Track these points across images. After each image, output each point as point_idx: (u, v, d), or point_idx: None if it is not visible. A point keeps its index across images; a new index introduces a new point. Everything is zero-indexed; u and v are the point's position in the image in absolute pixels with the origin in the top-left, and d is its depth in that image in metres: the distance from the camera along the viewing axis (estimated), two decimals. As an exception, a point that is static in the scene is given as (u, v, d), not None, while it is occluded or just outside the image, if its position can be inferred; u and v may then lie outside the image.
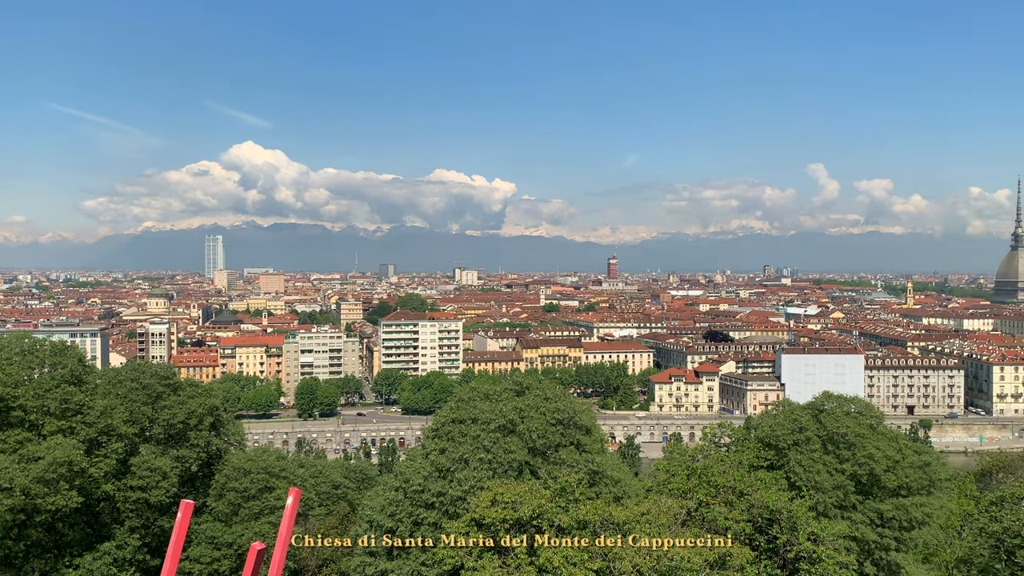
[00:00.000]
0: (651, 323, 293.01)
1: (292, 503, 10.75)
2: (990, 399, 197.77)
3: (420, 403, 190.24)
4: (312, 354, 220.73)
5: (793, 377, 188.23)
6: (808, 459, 33.95)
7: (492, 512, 22.01)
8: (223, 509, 40.33)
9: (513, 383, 36.08)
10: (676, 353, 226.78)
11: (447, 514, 28.24)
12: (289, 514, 10.62)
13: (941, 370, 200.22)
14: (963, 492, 56.36)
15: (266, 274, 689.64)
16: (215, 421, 43.58)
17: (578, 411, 33.69)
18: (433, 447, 32.16)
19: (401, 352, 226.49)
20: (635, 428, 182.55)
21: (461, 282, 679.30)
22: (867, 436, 35.19)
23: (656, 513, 23.15)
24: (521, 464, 30.71)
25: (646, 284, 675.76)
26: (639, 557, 19.67)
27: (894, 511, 33.76)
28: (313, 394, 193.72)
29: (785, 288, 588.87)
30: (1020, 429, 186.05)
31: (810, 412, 36.63)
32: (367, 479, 57.73)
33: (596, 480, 30.52)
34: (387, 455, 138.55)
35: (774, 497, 26.67)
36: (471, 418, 32.30)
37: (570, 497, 22.93)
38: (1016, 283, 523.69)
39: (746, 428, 38.90)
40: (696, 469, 30.42)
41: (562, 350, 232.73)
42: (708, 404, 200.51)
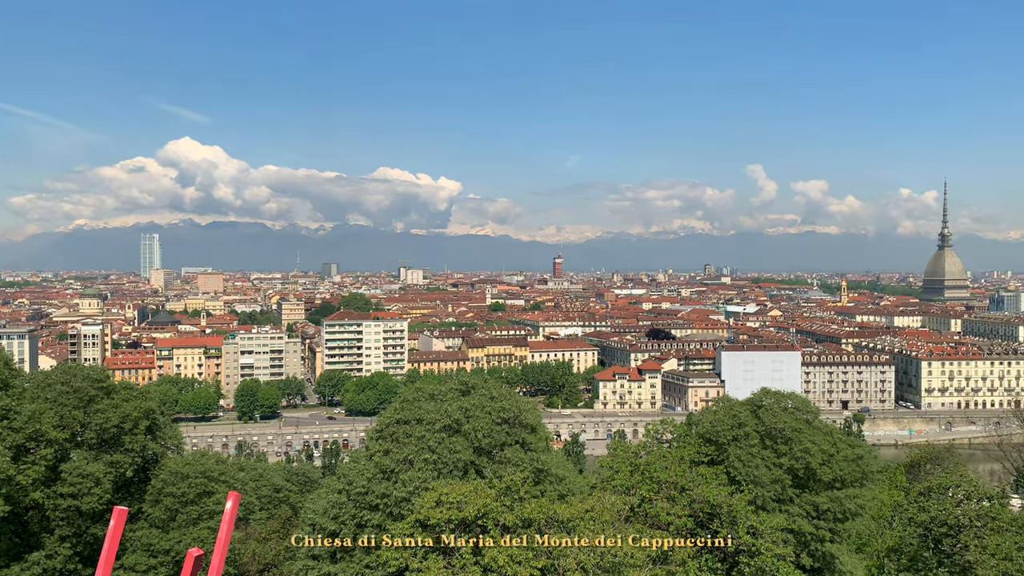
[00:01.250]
0: (596, 322, 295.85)
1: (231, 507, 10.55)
2: (919, 393, 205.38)
3: (364, 404, 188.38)
4: (252, 355, 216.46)
5: (733, 374, 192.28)
6: (747, 454, 34.72)
7: (437, 513, 21.93)
8: (159, 515, 39.27)
9: (459, 383, 36.03)
10: (620, 351, 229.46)
11: (391, 516, 28.02)
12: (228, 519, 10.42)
13: (873, 366, 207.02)
14: (894, 484, 58.43)
15: (205, 273, 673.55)
16: (151, 425, 42.36)
17: (523, 410, 33.81)
18: (377, 448, 31.89)
19: (345, 352, 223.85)
20: (580, 426, 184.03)
21: (406, 281, 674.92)
22: (803, 431, 36.17)
23: (600, 510, 23.39)
24: (466, 464, 30.67)
25: (591, 283, 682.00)
26: (583, 554, 19.85)
27: (829, 503, 34.79)
28: (254, 396, 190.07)
29: (725, 287, 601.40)
30: (946, 422, 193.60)
31: (749, 408, 37.47)
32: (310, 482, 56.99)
33: (541, 478, 30.67)
34: (330, 457, 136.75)
35: (714, 492, 27.24)
36: (416, 418, 32.12)
37: (515, 496, 23.00)
38: (943, 281, 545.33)
39: (687, 424, 39.56)
40: (639, 466, 30.86)
41: (508, 349, 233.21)
42: (651, 401, 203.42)
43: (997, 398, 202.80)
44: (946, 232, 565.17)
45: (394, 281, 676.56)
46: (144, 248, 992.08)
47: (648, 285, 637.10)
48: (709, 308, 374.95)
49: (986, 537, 30.77)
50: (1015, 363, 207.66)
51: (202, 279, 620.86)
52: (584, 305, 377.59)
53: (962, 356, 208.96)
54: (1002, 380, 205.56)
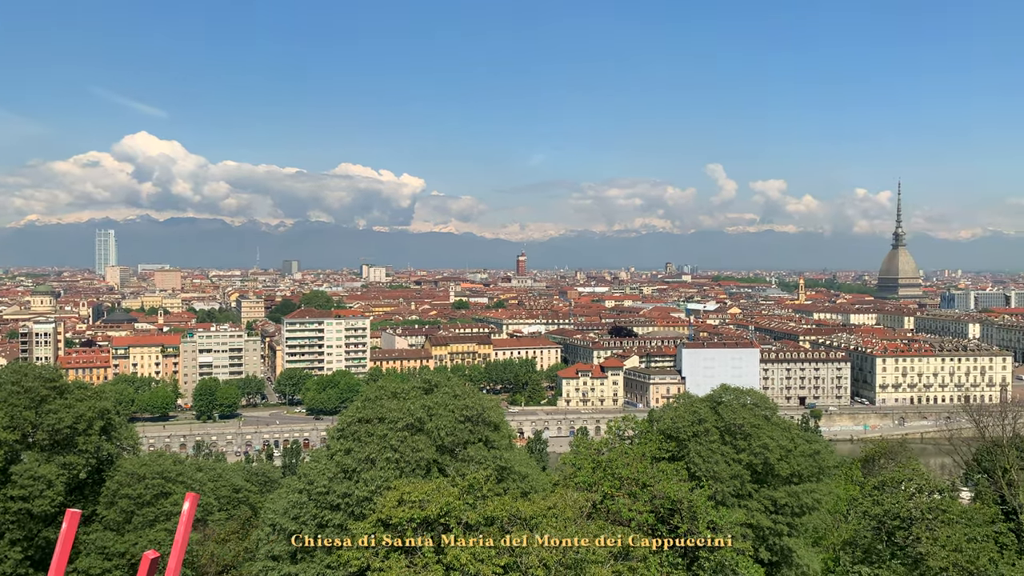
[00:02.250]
0: (559, 319, 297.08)
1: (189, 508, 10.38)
2: (873, 389, 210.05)
3: (325, 403, 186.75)
4: (211, 354, 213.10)
5: (693, 371, 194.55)
6: (707, 450, 35.20)
7: (399, 512, 21.84)
8: (115, 517, 38.51)
9: (421, 381, 35.93)
10: (583, 349, 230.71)
11: (353, 515, 27.84)
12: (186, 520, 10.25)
13: (830, 363, 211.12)
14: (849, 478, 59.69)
15: (162, 270, 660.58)
16: (106, 425, 41.54)
17: (486, 408, 33.84)
18: (338, 447, 31.66)
19: (306, 351, 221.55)
20: (543, 423, 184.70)
21: (369, 279, 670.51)
22: (762, 427, 36.79)
23: (562, 507, 23.52)
24: (429, 462, 30.60)
25: (554, 281, 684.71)
26: (545, 551, 19.94)
27: (787, 498, 35.44)
28: (212, 395, 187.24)
29: (686, 285, 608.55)
30: (900, 417, 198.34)
31: (709, 404, 38.00)
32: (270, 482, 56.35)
33: (504, 476, 30.73)
34: (291, 457, 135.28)
35: (675, 488, 27.55)
36: (378, 417, 31.95)
37: (478, 494, 23.00)
38: (897, 279, 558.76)
39: (649, 421, 39.95)
40: (601, 462, 31.08)
41: (472, 347, 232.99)
42: (613, 398, 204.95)
43: (948, 394, 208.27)
44: (900, 231, 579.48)
45: (356, 279, 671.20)
46: (99, 244, 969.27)
47: (611, 283, 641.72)
48: (670, 306, 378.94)
49: (937, 529, 31.60)
50: (965, 360, 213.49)
51: (159, 276, 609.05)
52: (548, 303, 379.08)
53: (915, 353, 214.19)
54: (952, 376, 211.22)
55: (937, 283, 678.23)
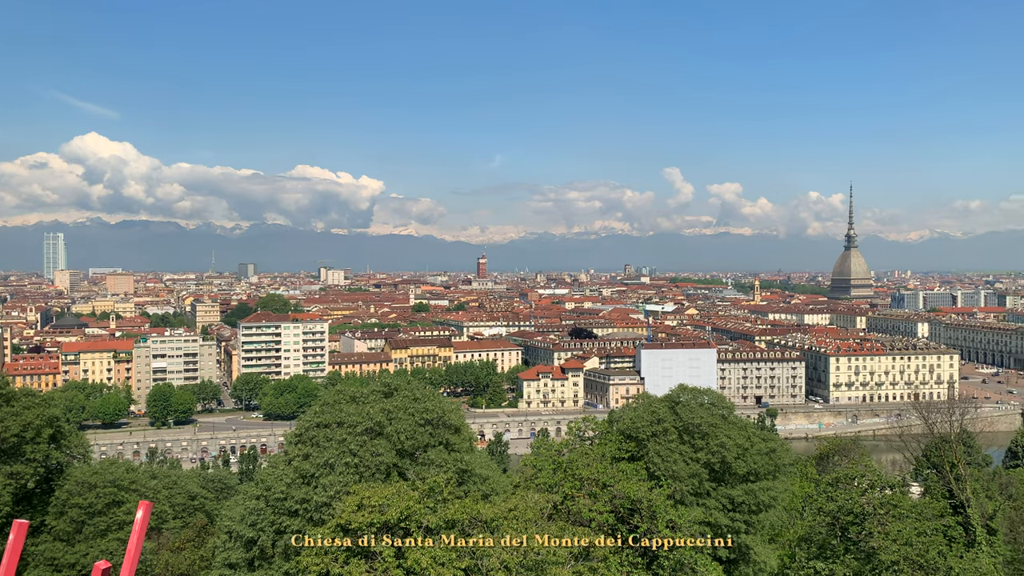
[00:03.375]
0: (520, 321, 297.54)
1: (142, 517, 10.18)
2: (827, 388, 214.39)
3: (283, 408, 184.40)
4: (165, 359, 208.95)
5: (652, 371, 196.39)
6: (666, 449, 35.58)
7: (359, 516, 21.65)
8: (64, 527, 37.52)
9: (381, 384, 35.72)
10: (543, 350, 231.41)
11: (312, 521, 27.54)
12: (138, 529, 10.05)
13: (785, 362, 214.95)
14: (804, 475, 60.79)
15: (114, 274, 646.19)
16: (55, 433, 40.44)
17: (447, 411, 33.76)
18: (296, 453, 31.30)
19: (262, 355, 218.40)
20: (504, 425, 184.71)
21: (327, 282, 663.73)
22: (719, 426, 37.31)
23: (523, 508, 23.55)
24: (389, 466, 30.41)
25: (515, 283, 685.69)
26: (506, 553, 19.94)
27: (744, 496, 35.99)
28: (167, 401, 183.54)
29: (644, 286, 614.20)
30: (853, 415, 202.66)
31: (667, 404, 38.39)
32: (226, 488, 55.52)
33: (465, 479, 30.68)
34: (248, 463, 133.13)
35: (635, 487, 27.77)
36: (337, 421, 31.65)
37: (438, 497, 22.92)
38: (849, 280, 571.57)
39: (609, 421, 40.21)
40: (562, 463, 31.20)
41: (432, 350, 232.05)
42: (574, 399, 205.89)
43: (899, 391, 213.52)
44: (852, 233, 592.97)
45: (314, 282, 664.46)
46: (48, 248, 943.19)
47: (571, 285, 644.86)
48: (629, 307, 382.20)
49: (888, 524, 32.32)
50: (914, 358, 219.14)
51: (111, 280, 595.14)
52: (508, 305, 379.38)
53: (867, 352, 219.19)
54: (903, 374, 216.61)
55: (888, 283, 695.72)
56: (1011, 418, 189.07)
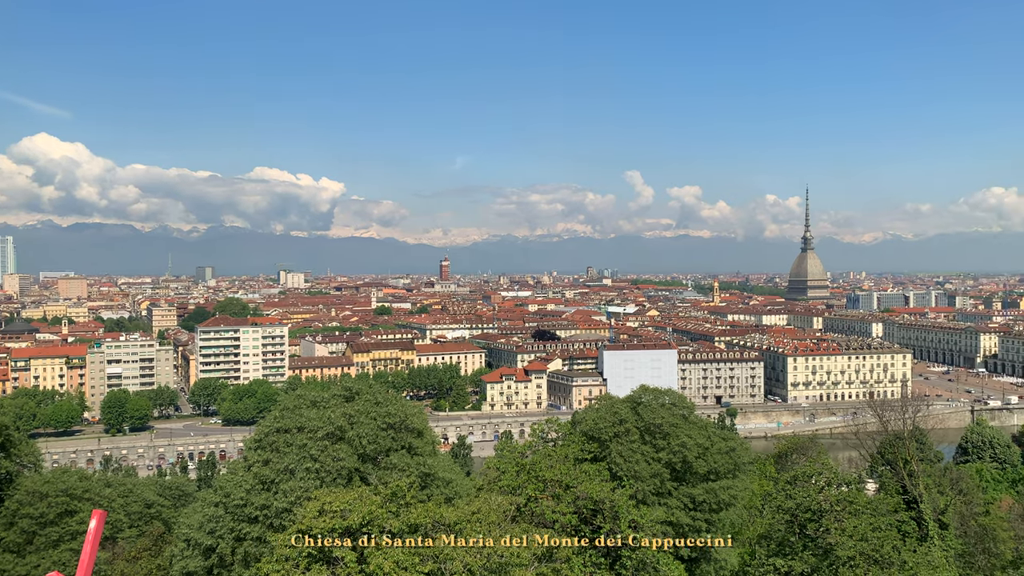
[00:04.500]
0: (483, 324, 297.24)
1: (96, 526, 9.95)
2: (786, 387, 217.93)
3: (242, 413, 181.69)
4: (120, 364, 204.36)
5: (614, 372, 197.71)
6: (628, 450, 35.85)
7: (320, 522, 21.42)
8: (15, 538, 36.50)
9: (342, 389, 35.42)
10: (507, 353, 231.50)
11: (272, 527, 27.18)
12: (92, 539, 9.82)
13: (744, 362, 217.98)
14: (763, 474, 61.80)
15: (66, 278, 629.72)
16: (4, 441, 39.38)
17: (410, 414, 33.60)
18: (256, 458, 30.88)
19: (221, 360, 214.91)
20: (468, 428, 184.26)
21: (287, 285, 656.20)
22: (680, 426, 37.71)
23: (486, 511, 23.51)
24: (351, 471, 30.16)
25: (478, 285, 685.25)
26: (469, 556, 19.89)
27: (704, 495, 36.42)
28: (122, 407, 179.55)
29: (606, 288, 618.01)
30: (810, 414, 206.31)
31: (629, 405, 38.70)
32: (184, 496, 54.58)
33: (428, 482, 30.57)
34: (206, 469, 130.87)
35: (597, 488, 27.92)
36: (297, 427, 31.30)
37: (401, 501, 22.79)
38: (806, 282, 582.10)
39: (572, 423, 40.38)
40: (525, 465, 31.23)
41: (394, 353, 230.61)
42: (537, 401, 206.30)
43: (854, 390, 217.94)
44: (808, 235, 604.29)
45: (273, 285, 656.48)
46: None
47: (534, 287, 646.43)
48: (592, 309, 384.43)
49: (845, 520, 32.95)
50: (869, 357, 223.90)
51: (63, 284, 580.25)
52: (471, 307, 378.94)
53: (823, 352, 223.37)
54: (858, 373, 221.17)
55: (843, 284, 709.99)
56: (961, 415, 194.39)
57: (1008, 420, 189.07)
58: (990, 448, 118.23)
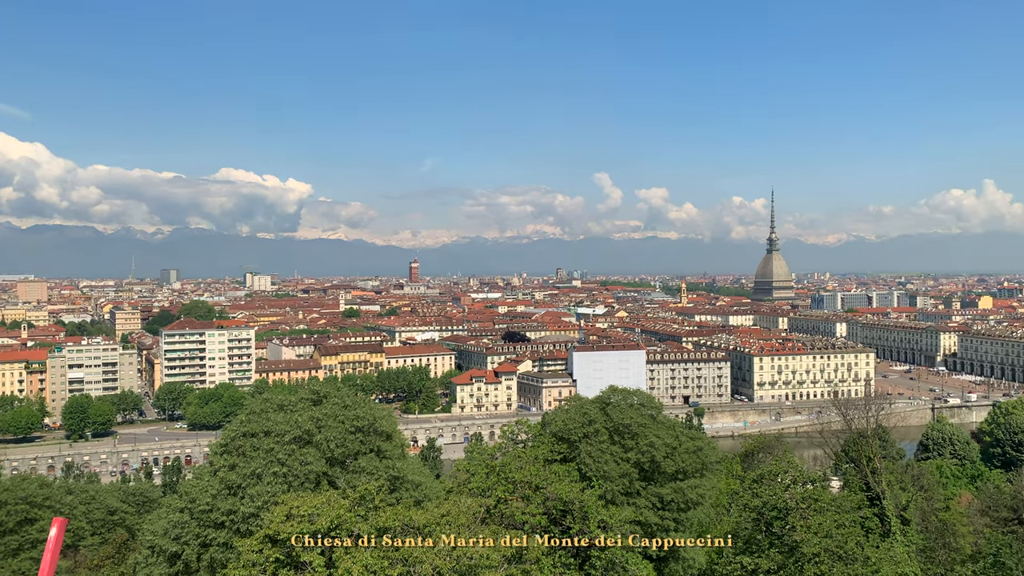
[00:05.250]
0: (453, 326, 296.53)
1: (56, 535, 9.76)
2: (752, 387, 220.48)
3: (208, 418, 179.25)
4: (82, 369, 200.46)
5: (584, 373, 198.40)
6: (597, 450, 36.01)
7: (287, 527, 21.22)
8: (-28, 549, 35.59)
9: (310, 392, 35.13)
10: (477, 354, 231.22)
11: (239, 532, 26.87)
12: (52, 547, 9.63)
13: (711, 362, 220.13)
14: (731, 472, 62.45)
15: (25, 281, 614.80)
16: (-39, 449, 38.37)
17: (378, 417, 33.42)
18: (222, 463, 30.50)
19: (186, 364, 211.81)
20: (437, 430, 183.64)
21: (253, 288, 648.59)
22: (648, 425, 37.99)
23: (456, 513, 23.48)
24: (319, 475, 29.92)
25: (447, 287, 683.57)
26: (439, 559, 19.84)
27: (673, 494, 36.72)
28: (84, 412, 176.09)
29: (576, 290, 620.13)
30: (776, 413, 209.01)
31: (598, 406, 38.88)
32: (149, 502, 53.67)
33: (397, 486, 30.44)
34: (172, 475, 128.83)
35: (567, 489, 28.03)
36: (264, 431, 30.98)
37: (370, 505, 22.66)
38: (771, 282, 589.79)
39: (542, 424, 40.48)
40: (495, 467, 31.23)
41: (363, 356, 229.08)
42: (507, 403, 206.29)
43: (819, 389, 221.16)
44: (773, 237, 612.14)
45: (240, 287, 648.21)
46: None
47: (503, 289, 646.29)
48: (561, 310, 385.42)
49: (810, 517, 33.39)
50: (833, 357, 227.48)
51: (22, 287, 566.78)
52: (441, 309, 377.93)
53: (789, 351, 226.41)
54: (823, 373, 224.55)
55: (808, 285, 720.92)
56: (922, 413, 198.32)
57: (967, 417, 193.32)
58: (950, 445, 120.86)
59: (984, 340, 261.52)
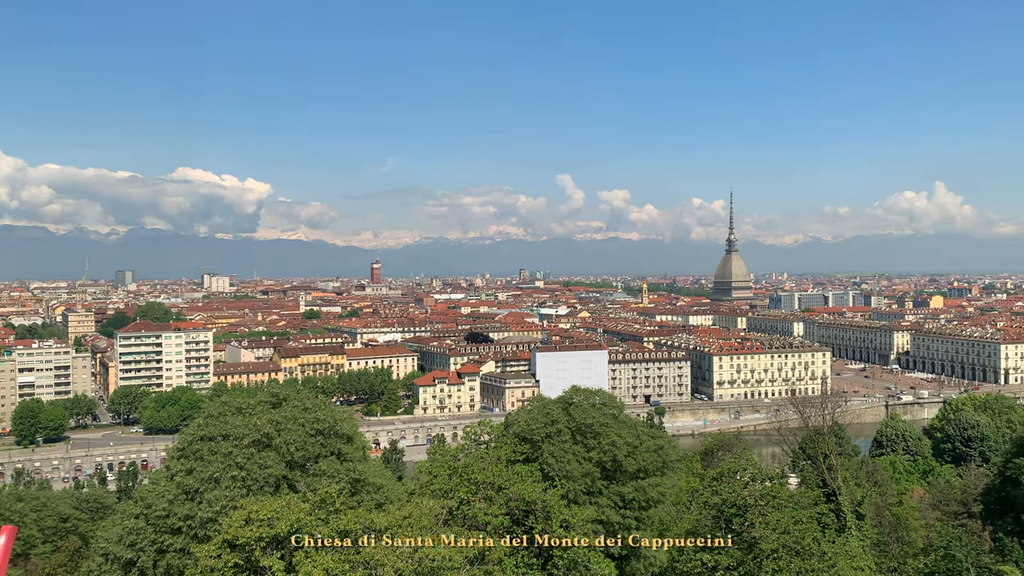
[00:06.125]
0: (415, 327, 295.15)
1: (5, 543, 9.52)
2: (712, 386, 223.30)
3: (165, 421, 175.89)
4: (33, 373, 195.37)
5: (547, 373, 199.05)
6: (559, 450, 36.17)
7: (246, 531, 20.93)
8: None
9: (269, 395, 34.72)
10: (439, 355, 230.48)
11: (196, 538, 26.43)
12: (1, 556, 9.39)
13: (672, 362, 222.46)
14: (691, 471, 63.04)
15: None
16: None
17: (339, 420, 33.16)
18: (179, 468, 29.99)
19: (142, 367, 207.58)
20: (400, 432, 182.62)
21: (211, 289, 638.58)
22: (610, 425, 38.27)
23: (418, 516, 23.38)
24: (278, 479, 29.57)
25: (410, 288, 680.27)
26: (400, 561, 19.74)
27: (634, 493, 37.03)
28: (35, 418, 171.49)
29: (539, 290, 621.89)
30: (735, 411, 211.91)
31: (561, 406, 39.05)
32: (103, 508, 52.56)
33: (358, 488, 30.23)
34: (127, 480, 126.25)
35: (529, 489, 28.08)
36: (222, 434, 30.53)
37: (330, 508, 22.46)
38: (731, 283, 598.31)
39: (504, 425, 40.51)
40: (457, 468, 31.16)
41: (324, 358, 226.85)
42: (470, 404, 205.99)
43: (777, 388, 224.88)
44: (732, 238, 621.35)
45: (197, 289, 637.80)
46: None
47: (466, 289, 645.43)
48: (524, 311, 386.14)
49: (768, 514, 33.92)
50: (791, 356, 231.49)
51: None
52: (403, 311, 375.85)
53: (747, 351, 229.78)
54: (781, 371, 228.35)
55: (766, 285, 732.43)
56: (876, 410, 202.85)
57: (919, 414, 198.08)
58: (903, 441, 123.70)
59: (935, 339, 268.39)
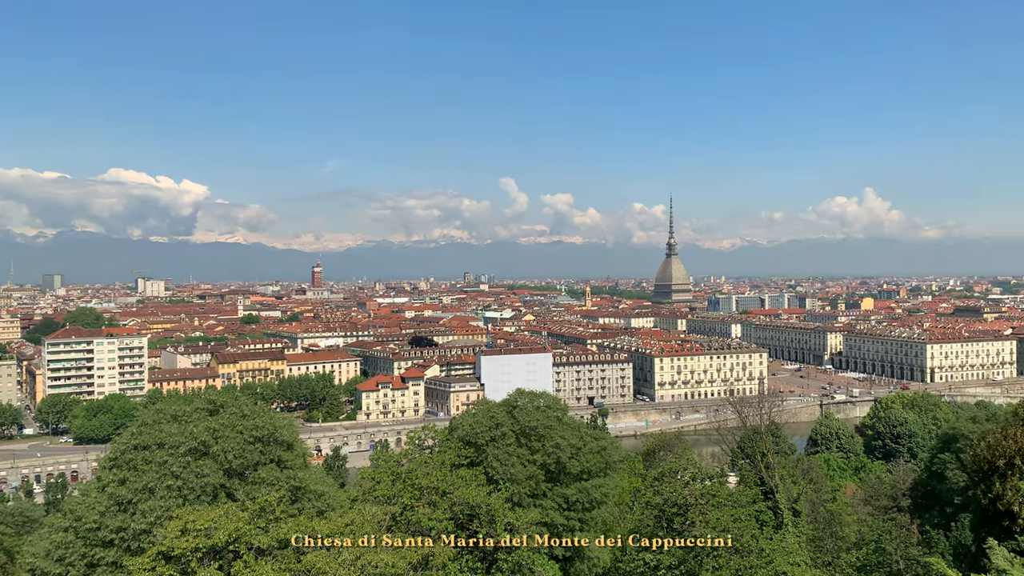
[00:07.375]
0: (358, 331, 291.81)
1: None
2: (653, 387, 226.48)
3: (97, 431, 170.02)
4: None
5: (491, 377, 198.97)
6: (504, 453, 36.19)
7: (182, 542, 20.35)
8: None
9: (206, 402, 33.89)
10: (383, 360, 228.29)
11: (129, 550, 25.59)
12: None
13: (615, 364, 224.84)
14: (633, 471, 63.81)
15: None
16: None
17: (278, 426, 32.56)
18: (112, 478, 29.00)
19: (72, 374, 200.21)
20: (342, 439, 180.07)
21: (145, 294, 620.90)
22: (554, 427, 38.47)
23: (360, 522, 23.07)
24: (216, 488, 28.86)
25: (352, 292, 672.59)
26: (343, 568, 19.45)
27: (578, 494, 37.29)
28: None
29: (484, 294, 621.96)
30: (676, 412, 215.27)
31: (505, 409, 39.10)
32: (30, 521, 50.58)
33: (299, 496, 29.72)
34: (56, 492, 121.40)
35: (473, 493, 27.98)
36: (157, 443, 29.65)
37: (270, 517, 21.99)
38: (671, 286, 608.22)
39: (449, 429, 40.39)
40: (401, 474, 30.83)
41: (263, 363, 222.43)
42: (414, 409, 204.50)
43: (716, 388, 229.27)
44: (672, 242, 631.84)
45: (131, 293, 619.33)
46: None
47: (410, 293, 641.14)
48: (469, 315, 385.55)
49: (708, 513, 34.50)
50: (729, 357, 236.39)
51: None
52: (346, 315, 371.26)
53: (687, 352, 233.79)
54: (719, 372, 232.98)
55: (705, 288, 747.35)
56: (811, 409, 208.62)
57: (852, 412, 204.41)
58: (836, 439, 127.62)
59: (866, 339, 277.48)
